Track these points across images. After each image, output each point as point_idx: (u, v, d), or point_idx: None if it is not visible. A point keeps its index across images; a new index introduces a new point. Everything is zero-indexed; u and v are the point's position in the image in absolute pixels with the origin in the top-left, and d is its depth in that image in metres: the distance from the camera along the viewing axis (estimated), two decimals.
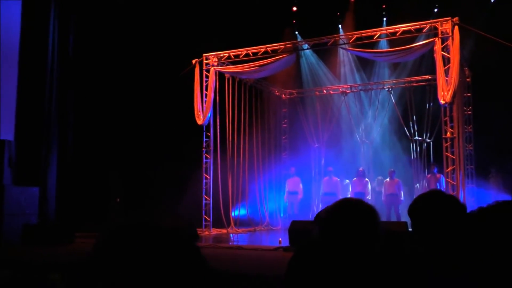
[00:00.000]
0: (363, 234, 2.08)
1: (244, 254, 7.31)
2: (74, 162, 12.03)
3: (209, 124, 12.53)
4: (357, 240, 2.08)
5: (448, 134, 10.10)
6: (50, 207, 10.88)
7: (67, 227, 9.31)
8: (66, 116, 11.72)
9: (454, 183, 9.99)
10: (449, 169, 10.09)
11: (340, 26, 14.42)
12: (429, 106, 13.18)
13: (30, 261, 5.85)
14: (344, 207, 2.16)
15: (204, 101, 12.43)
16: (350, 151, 14.78)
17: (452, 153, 10.09)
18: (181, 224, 8.88)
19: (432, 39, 10.31)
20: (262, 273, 5.10)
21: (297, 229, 7.99)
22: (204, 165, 12.58)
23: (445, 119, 10.24)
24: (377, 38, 11.39)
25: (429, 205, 2.24)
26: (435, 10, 12.92)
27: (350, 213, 2.12)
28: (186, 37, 13.17)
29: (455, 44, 9.82)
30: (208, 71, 12.64)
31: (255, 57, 12.27)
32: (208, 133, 12.59)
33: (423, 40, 10.83)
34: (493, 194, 12.54)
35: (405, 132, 13.85)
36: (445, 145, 10.16)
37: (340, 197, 13.80)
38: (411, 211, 2.29)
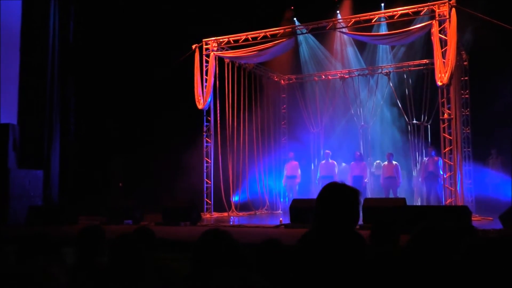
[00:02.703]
0: (345, 212, 2.30)
1: (246, 231, 7.48)
2: (76, 146, 12.16)
3: (209, 108, 12.67)
4: (341, 218, 2.30)
5: (446, 115, 10.26)
6: (54, 190, 11.04)
7: (71, 209, 9.48)
8: (68, 101, 11.84)
9: (452, 163, 10.17)
10: (446, 149, 10.26)
11: (338, 11, 14.49)
12: (426, 90, 13.31)
13: (40, 237, 6.01)
14: (329, 191, 2.39)
15: (204, 86, 12.56)
16: (348, 135, 14.92)
17: (450, 134, 10.25)
18: (187, 206, 9.08)
19: (429, 22, 10.43)
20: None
21: (298, 207, 8.17)
22: (204, 149, 12.73)
23: (442, 100, 10.39)
24: (375, 21, 11.51)
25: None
26: None
27: (334, 195, 2.33)
28: (186, 22, 13.26)
29: (452, 26, 9.94)
30: (208, 56, 12.75)
31: (255, 41, 12.37)
32: (209, 118, 12.73)
33: (421, 23, 10.94)
34: (492, 176, 12.72)
35: (403, 116, 14.00)
36: (443, 126, 10.32)
37: (337, 180, 13.96)
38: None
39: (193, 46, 12.57)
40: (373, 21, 11.43)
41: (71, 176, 11.86)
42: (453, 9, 10.00)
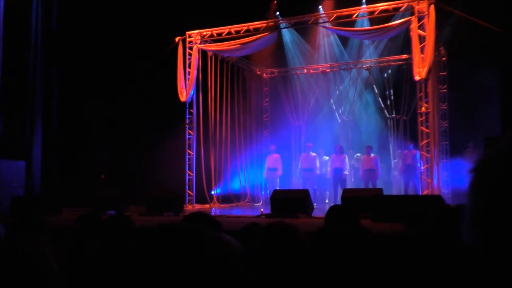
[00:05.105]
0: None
1: (228, 221, 7.62)
2: (58, 137, 12.16)
3: (192, 101, 12.77)
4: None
5: (423, 109, 10.53)
6: (36, 181, 11.04)
7: (54, 199, 9.52)
8: (50, 91, 11.82)
9: (429, 156, 10.45)
10: (423, 142, 10.54)
11: (320, 6, 14.65)
12: (405, 85, 13.59)
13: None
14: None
15: (187, 78, 12.65)
16: (330, 128, 15.17)
17: (427, 128, 10.53)
18: (171, 196, 9.21)
19: (408, 18, 10.67)
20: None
21: (279, 197, 8.35)
22: (187, 141, 12.84)
23: (420, 95, 10.66)
24: (356, 16, 11.73)
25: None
26: None
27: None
28: (169, 15, 13.31)
29: (430, 23, 10.19)
30: (191, 48, 12.83)
31: (238, 35, 12.49)
32: (191, 110, 12.83)
33: (401, 19, 11.17)
34: (468, 168, 13.02)
35: (383, 110, 14.29)
36: (420, 119, 10.59)
37: (318, 172, 13.97)
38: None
39: (176, 39, 12.63)
40: (354, 16, 11.65)
41: (53, 167, 11.86)
42: (432, 6, 10.25)
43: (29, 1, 11.44)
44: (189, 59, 12.77)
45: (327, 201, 13.97)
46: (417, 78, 10.24)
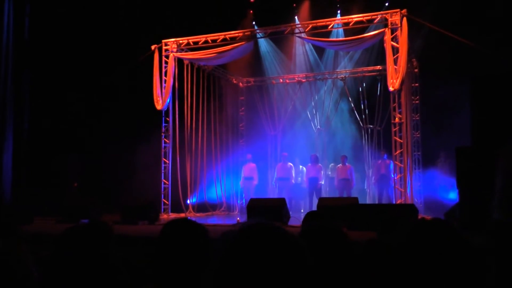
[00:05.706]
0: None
1: None
2: (30, 145, 11.91)
3: (168, 109, 12.72)
4: None
5: (397, 120, 10.71)
6: (6, 190, 10.77)
7: (26, 208, 9.34)
8: (22, 98, 11.57)
9: (402, 166, 10.62)
10: (397, 152, 10.71)
11: (296, 17, 14.83)
12: (379, 95, 13.81)
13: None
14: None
15: (163, 86, 12.60)
16: (305, 138, 15.29)
17: (400, 138, 10.72)
18: (146, 205, 9.13)
19: (382, 30, 10.87)
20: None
21: (255, 206, 8.36)
22: (163, 150, 12.76)
23: (393, 105, 10.85)
24: (331, 28, 11.90)
25: None
26: (386, 4, 13.44)
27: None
28: (145, 22, 13.27)
29: (403, 35, 10.41)
30: (167, 57, 12.80)
31: (214, 44, 12.53)
32: (167, 118, 12.77)
33: (374, 30, 11.38)
34: (440, 178, 13.30)
35: (358, 120, 14.48)
36: (394, 129, 10.78)
37: (293, 182, 13.97)
38: None
39: (153, 47, 12.59)
40: (329, 27, 11.81)
41: (24, 175, 11.60)
42: (404, 18, 10.47)
43: (0, 9, 11.21)
44: (165, 67, 12.74)
45: (302, 210, 14.04)
46: (391, 89, 10.43)
